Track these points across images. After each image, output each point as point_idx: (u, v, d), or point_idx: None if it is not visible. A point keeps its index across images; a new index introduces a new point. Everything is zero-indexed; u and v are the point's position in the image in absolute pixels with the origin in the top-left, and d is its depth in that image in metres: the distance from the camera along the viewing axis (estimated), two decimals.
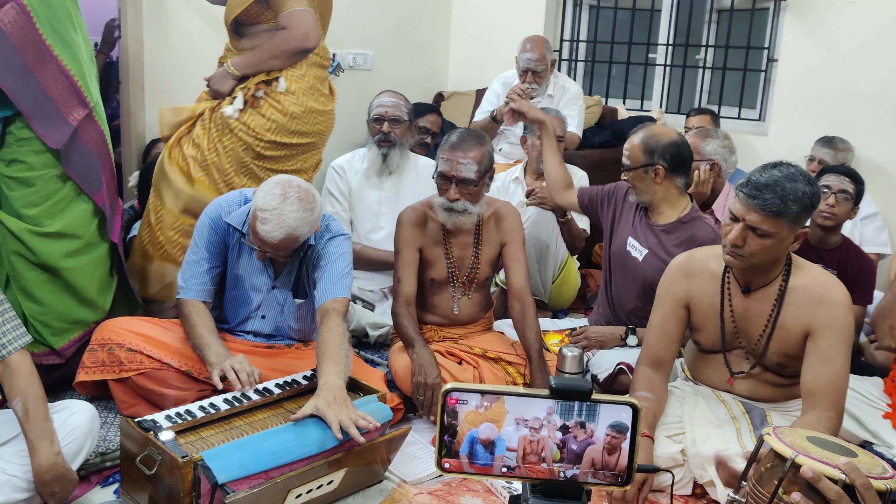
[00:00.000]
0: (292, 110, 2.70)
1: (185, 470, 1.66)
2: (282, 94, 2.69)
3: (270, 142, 2.70)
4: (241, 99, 2.68)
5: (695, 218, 2.57)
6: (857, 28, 3.78)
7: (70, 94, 2.22)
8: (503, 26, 4.74)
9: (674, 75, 4.58)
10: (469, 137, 2.47)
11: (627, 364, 2.42)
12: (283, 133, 2.71)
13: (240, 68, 2.70)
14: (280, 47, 2.65)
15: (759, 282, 2.05)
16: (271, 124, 2.68)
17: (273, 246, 2.15)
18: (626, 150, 2.61)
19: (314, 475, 1.78)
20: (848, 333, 1.95)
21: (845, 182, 2.79)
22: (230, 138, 2.69)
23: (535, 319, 2.51)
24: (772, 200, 1.90)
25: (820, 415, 1.89)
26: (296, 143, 2.75)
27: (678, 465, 2.03)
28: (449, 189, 2.44)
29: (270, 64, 2.68)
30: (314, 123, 2.77)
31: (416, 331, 2.45)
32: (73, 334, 2.35)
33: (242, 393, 2.03)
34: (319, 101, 2.77)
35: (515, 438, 1.05)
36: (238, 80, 2.72)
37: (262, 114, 2.68)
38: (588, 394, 1.04)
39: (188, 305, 2.24)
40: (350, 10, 4.28)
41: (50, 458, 1.70)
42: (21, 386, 1.74)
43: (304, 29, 2.62)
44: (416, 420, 2.41)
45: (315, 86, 2.77)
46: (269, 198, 2.10)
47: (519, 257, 2.59)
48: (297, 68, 2.72)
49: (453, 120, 4.57)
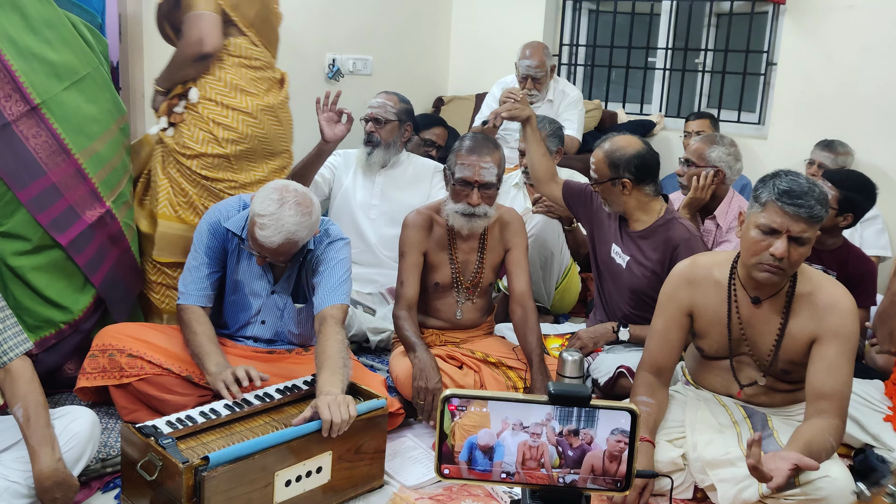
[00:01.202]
0: (213, 117, 2.60)
1: (185, 476, 1.66)
2: (198, 104, 2.61)
3: (201, 154, 2.61)
4: (164, 118, 2.64)
5: (669, 220, 2.57)
6: (855, 32, 3.79)
7: (11, 89, 2.16)
8: (503, 31, 4.75)
9: (673, 79, 4.59)
10: (485, 141, 2.49)
11: (628, 367, 2.42)
12: (212, 142, 2.61)
13: (160, 82, 2.66)
14: (179, 56, 2.59)
15: (769, 292, 2.03)
16: (198, 134, 2.60)
17: (272, 251, 2.15)
18: (592, 163, 2.62)
19: (294, 455, 1.80)
20: (854, 341, 1.94)
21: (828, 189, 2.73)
22: (171, 162, 2.64)
23: (537, 324, 2.52)
24: (815, 207, 1.87)
25: (828, 422, 1.88)
26: (228, 152, 2.63)
27: (679, 469, 2.03)
28: (471, 194, 2.43)
29: (178, 74, 2.61)
30: (245, 125, 2.64)
31: (417, 335, 2.45)
32: (44, 332, 2.34)
33: (243, 398, 2.03)
34: (246, 101, 2.65)
35: (514, 444, 1.06)
36: (164, 95, 2.66)
37: (187, 127, 2.61)
38: (587, 399, 1.04)
39: (188, 312, 2.25)
40: (350, 15, 4.30)
41: (51, 464, 1.70)
42: (22, 392, 1.74)
43: (196, 34, 2.52)
44: (416, 425, 2.41)
45: (239, 86, 2.65)
46: (267, 203, 2.11)
47: (522, 263, 2.59)
48: (210, 74, 2.62)
49: (453, 125, 4.57)
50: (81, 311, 2.41)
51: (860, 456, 2.20)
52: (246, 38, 2.67)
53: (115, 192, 2.44)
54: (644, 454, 1.96)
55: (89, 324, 2.45)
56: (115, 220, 2.42)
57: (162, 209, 2.65)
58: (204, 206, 2.62)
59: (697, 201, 2.86)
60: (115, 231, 2.44)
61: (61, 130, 2.26)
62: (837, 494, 1.82)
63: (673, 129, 4.46)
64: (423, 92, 4.83)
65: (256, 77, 2.70)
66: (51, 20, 2.25)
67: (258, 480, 1.76)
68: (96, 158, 2.35)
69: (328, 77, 4.23)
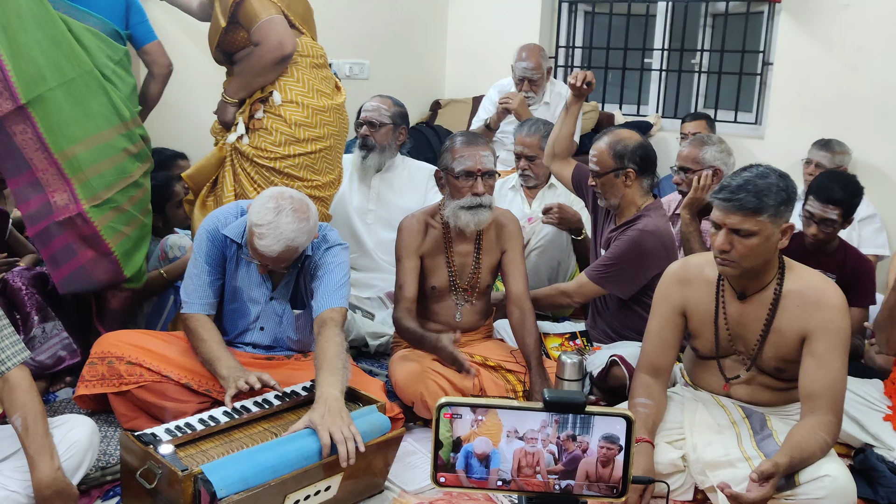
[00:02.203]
0: (296, 118, 2.69)
1: (185, 483, 1.66)
2: (280, 106, 2.68)
3: (284, 156, 2.69)
4: (242, 125, 2.69)
5: (645, 212, 2.59)
6: (851, 31, 3.79)
7: (3, 87, 2.16)
8: (499, 34, 4.76)
9: (670, 80, 4.60)
10: (476, 135, 2.55)
11: (620, 356, 2.42)
12: (294, 143, 2.70)
13: (231, 94, 2.72)
14: (259, 63, 2.63)
15: (754, 287, 2.06)
16: (280, 137, 2.68)
17: (273, 259, 2.15)
18: (593, 156, 2.63)
19: (308, 479, 1.79)
20: (843, 336, 1.95)
21: (829, 210, 2.69)
22: (251, 166, 2.70)
23: (535, 326, 2.52)
24: (747, 198, 1.93)
25: (820, 419, 1.90)
26: (310, 150, 2.73)
27: (679, 471, 2.04)
28: (476, 184, 2.45)
29: (258, 82, 2.67)
30: (323, 125, 2.74)
31: (420, 328, 2.49)
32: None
33: (242, 405, 2.03)
34: (322, 101, 2.74)
35: (510, 452, 1.06)
36: (238, 106, 2.73)
37: (268, 131, 2.68)
38: (582, 406, 1.04)
39: (193, 320, 2.25)
40: (346, 19, 4.31)
41: (50, 473, 1.70)
42: (21, 401, 1.74)
43: (276, 38, 2.58)
44: (416, 430, 2.41)
45: (315, 87, 2.74)
46: (264, 212, 2.11)
47: (518, 264, 2.60)
48: (289, 76, 2.70)
49: (450, 127, 4.58)
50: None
51: (860, 456, 2.20)
52: (306, 36, 2.76)
53: (100, 197, 2.39)
54: (644, 455, 1.96)
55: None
56: (89, 223, 2.37)
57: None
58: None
59: (697, 201, 2.87)
60: (89, 234, 2.40)
61: (43, 129, 2.25)
62: (837, 493, 1.82)
63: (670, 129, 4.46)
64: (420, 95, 4.84)
65: (325, 76, 2.79)
66: (42, 19, 2.25)
67: (270, 503, 1.75)
68: (75, 161, 2.32)
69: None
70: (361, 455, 1.84)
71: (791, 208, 2.00)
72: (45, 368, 2.50)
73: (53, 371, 2.53)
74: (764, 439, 2.01)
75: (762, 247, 1.96)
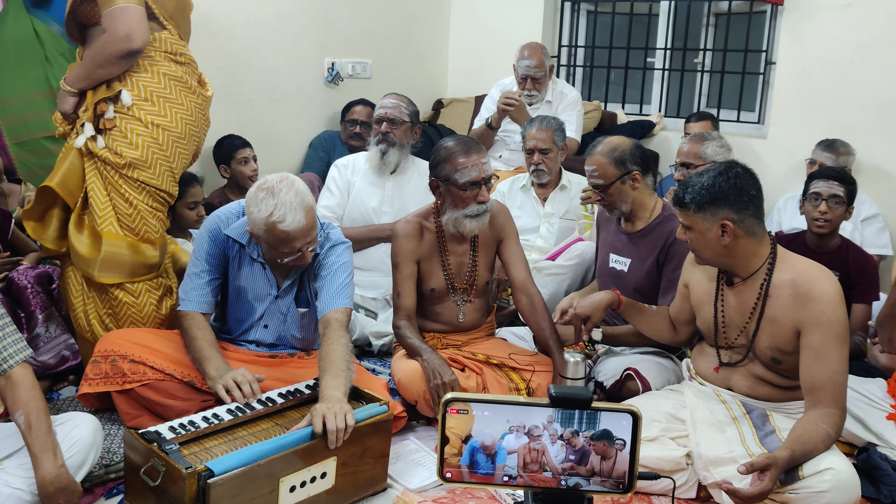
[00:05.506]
0: (155, 120, 2.37)
1: (188, 481, 1.66)
2: (135, 105, 2.36)
3: (146, 161, 2.37)
4: (89, 126, 2.35)
5: (667, 216, 2.60)
6: (853, 30, 3.78)
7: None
8: (501, 33, 4.75)
9: (672, 79, 4.59)
10: (470, 141, 2.51)
11: (635, 370, 2.42)
12: (156, 148, 2.38)
13: (71, 83, 2.38)
14: (102, 53, 2.30)
15: (739, 275, 2.11)
16: (140, 140, 2.35)
17: (306, 231, 2.13)
18: (593, 171, 2.60)
19: (301, 461, 1.80)
20: (838, 327, 1.95)
21: (835, 186, 2.78)
22: (111, 176, 2.36)
23: (545, 308, 2.53)
24: (678, 194, 2.08)
25: (822, 411, 1.91)
26: (172, 154, 2.43)
27: (682, 468, 2.04)
28: (481, 193, 2.44)
29: (99, 73, 2.33)
30: (186, 125, 2.45)
31: (420, 339, 2.46)
32: None
33: (246, 403, 2.04)
34: (185, 101, 2.45)
35: (516, 447, 1.06)
36: (78, 96, 2.40)
37: (122, 133, 2.35)
38: (588, 402, 1.04)
39: (188, 318, 2.25)
40: (348, 18, 4.30)
41: (53, 470, 1.71)
42: (23, 399, 1.74)
43: (124, 29, 2.25)
44: (419, 428, 2.41)
45: (175, 85, 2.44)
46: (264, 205, 2.10)
47: (516, 252, 2.59)
48: (143, 72, 2.38)
49: (453, 127, 4.58)
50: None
51: (863, 454, 2.20)
52: (168, 32, 2.46)
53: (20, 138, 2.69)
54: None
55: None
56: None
57: (107, 227, 2.37)
58: (155, 218, 2.44)
59: None
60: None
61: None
62: (841, 486, 1.83)
63: (672, 129, 4.46)
64: (422, 94, 4.83)
65: (186, 73, 2.49)
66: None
67: (263, 486, 1.76)
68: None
69: (327, 81, 4.24)
70: (354, 439, 1.85)
71: (721, 207, 2.00)
72: (48, 368, 2.51)
73: (56, 371, 2.54)
74: (767, 436, 2.02)
75: (701, 241, 2.06)
